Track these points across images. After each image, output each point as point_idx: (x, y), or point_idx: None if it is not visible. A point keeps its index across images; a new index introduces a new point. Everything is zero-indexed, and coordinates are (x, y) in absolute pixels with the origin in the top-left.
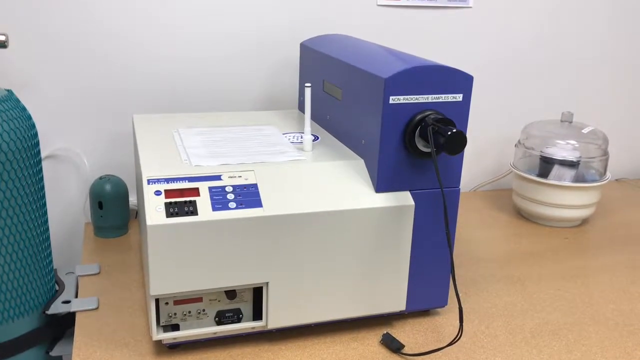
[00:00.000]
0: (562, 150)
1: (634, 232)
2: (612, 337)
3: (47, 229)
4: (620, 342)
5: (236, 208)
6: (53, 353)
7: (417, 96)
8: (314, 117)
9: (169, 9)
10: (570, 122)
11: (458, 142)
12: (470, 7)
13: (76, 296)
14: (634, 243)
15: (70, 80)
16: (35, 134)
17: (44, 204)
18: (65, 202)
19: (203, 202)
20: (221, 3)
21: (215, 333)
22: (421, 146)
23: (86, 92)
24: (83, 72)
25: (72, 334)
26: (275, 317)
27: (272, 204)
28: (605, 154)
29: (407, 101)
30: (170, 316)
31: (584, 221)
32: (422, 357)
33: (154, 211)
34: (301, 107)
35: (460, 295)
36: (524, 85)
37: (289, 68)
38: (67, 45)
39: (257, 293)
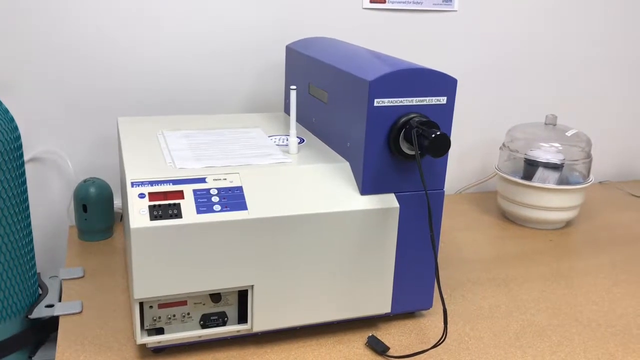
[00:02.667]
0: (546, 152)
1: (617, 234)
2: (594, 337)
3: (30, 232)
4: (603, 342)
5: (221, 211)
6: (36, 358)
7: (402, 99)
8: (299, 120)
9: (154, 10)
10: (554, 125)
11: (442, 145)
12: (456, 10)
13: (60, 300)
14: (616, 245)
15: (54, 82)
16: (18, 137)
17: (27, 207)
18: (49, 205)
19: (187, 204)
20: (206, 5)
21: (200, 336)
22: (406, 149)
23: (70, 94)
24: (67, 74)
25: (55, 339)
26: (261, 320)
27: (257, 207)
28: (589, 156)
29: (391, 104)
30: (155, 320)
31: (568, 223)
32: (407, 359)
33: (138, 214)
34: (287, 110)
35: (445, 297)
36: (509, 88)
37: (274, 71)
38: (51, 46)
39: (242, 296)
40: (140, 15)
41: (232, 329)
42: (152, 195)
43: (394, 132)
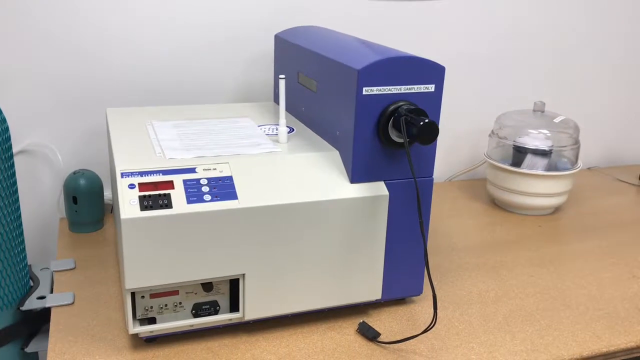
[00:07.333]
0: (535, 139)
1: (604, 220)
2: (582, 321)
3: (21, 224)
4: (591, 326)
5: (211, 200)
6: (28, 349)
7: (390, 87)
8: (289, 109)
9: (140, 1)
10: (542, 112)
11: (430, 132)
12: None
13: (51, 292)
14: (604, 230)
15: (42, 74)
16: (7, 129)
17: (17, 200)
18: (39, 198)
19: (177, 195)
20: None
21: (192, 325)
22: (394, 136)
23: (58, 85)
24: (54, 65)
25: (47, 330)
26: (252, 308)
27: (247, 196)
28: (577, 142)
29: (380, 92)
30: (147, 310)
31: (557, 209)
32: (397, 344)
33: (128, 204)
34: (276, 99)
35: (434, 283)
36: (497, 75)
37: (264, 60)
38: (38, 38)
39: (234, 285)
40: (127, 6)
41: (224, 317)
42: (142, 186)
43: (383, 120)
